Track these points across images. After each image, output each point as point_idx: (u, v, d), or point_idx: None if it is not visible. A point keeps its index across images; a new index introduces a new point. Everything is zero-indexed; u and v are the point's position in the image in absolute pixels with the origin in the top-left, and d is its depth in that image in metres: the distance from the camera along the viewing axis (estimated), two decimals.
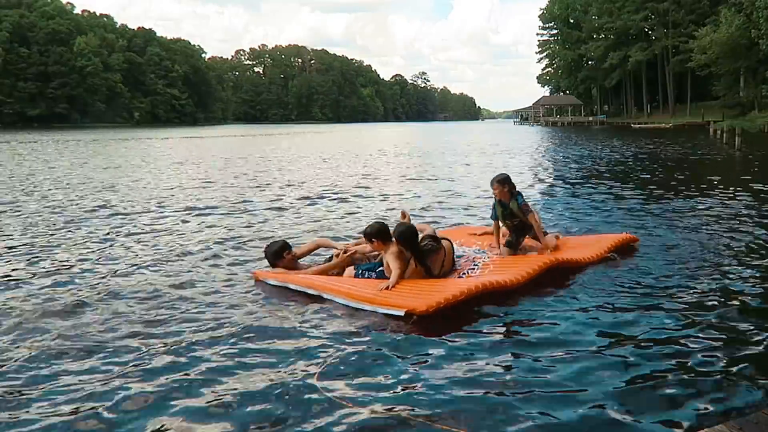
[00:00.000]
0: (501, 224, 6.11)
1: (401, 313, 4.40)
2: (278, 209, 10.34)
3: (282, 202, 11.34)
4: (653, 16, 75.22)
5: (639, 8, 73.88)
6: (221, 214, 9.87)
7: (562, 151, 27.05)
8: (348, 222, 8.99)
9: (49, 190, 13.23)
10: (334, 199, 11.61)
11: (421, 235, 5.38)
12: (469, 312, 4.50)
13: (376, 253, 5.40)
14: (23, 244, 7.41)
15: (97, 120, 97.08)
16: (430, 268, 5.18)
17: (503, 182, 5.92)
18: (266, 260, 5.79)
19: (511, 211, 5.93)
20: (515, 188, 6.00)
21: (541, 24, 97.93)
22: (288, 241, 6.02)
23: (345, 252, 5.59)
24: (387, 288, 4.80)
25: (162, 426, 3.02)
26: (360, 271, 5.34)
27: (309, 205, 10.92)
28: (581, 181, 14.41)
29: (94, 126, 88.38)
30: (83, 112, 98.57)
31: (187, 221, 9.18)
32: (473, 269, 5.45)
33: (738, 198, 10.71)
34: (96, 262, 6.48)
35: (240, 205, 10.81)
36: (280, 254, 5.59)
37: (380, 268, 5.27)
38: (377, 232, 5.21)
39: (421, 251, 5.18)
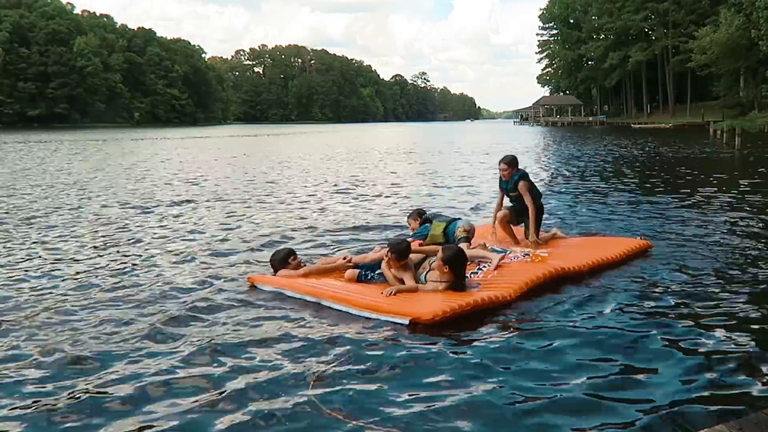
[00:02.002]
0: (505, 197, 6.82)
1: (406, 321, 4.30)
2: (283, 209, 10.37)
3: (291, 201, 11.36)
4: (653, 16, 75.23)
5: (639, 8, 73.89)
6: (229, 213, 9.90)
7: (564, 151, 27.06)
8: (360, 222, 9.00)
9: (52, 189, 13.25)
10: (353, 197, 11.64)
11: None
12: (471, 321, 4.39)
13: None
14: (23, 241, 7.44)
15: (97, 120, 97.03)
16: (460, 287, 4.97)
17: (510, 164, 6.62)
18: (271, 266, 5.70)
19: (507, 189, 6.66)
20: (517, 169, 6.64)
21: (541, 24, 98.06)
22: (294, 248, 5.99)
23: (348, 260, 5.57)
24: (391, 293, 4.71)
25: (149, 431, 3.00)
26: (363, 272, 5.30)
27: (323, 205, 10.93)
28: (584, 180, 14.42)
29: (94, 126, 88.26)
30: (83, 112, 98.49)
31: (187, 222, 9.20)
32: (476, 273, 5.36)
33: (740, 198, 10.71)
34: (93, 263, 6.47)
35: (251, 207, 10.83)
36: (286, 260, 5.57)
37: (379, 270, 5.24)
38: (405, 250, 5.12)
39: (464, 282, 4.99)
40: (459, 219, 6.34)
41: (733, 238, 7.17)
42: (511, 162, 6.62)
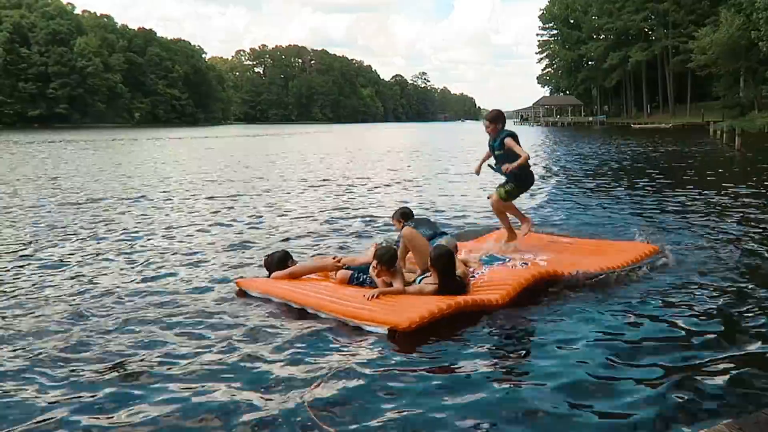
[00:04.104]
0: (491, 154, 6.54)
1: (384, 330, 4.19)
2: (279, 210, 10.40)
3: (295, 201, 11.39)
4: (653, 17, 75.15)
5: (639, 8, 73.81)
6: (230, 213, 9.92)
7: (565, 151, 27.05)
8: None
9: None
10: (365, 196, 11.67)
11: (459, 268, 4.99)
12: (464, 327, 4.30)
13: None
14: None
15: (98, 120, 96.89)
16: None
17: (492, 120, 6.36)
18: (266, 268, 5.64)
19: (494, 147, 6.40)
20: (503, 126, 6.40)
21: (541, 24, 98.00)
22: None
23: (337, 260, 5.49)
24: (374, 297, 4.63)
25: None
26: (356, 274, 5.21)
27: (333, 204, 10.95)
28: (585, 180, 14.43)
29: (95, 126, 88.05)
30: (83, 113, 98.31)
31: (184, 219, 9.22)
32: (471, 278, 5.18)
33: (741, 199, 10.73)
34: (84, 265, 6.42)
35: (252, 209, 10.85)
36: (284, 262, 5.51)
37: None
38: (392, 259, 4.97)
39: (456, 284, 4.79)
40: (443, 234, 5.81)
41: (735, 239, 7.17)
42: (494, 118, 6.31)
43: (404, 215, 6.15)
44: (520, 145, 6.20)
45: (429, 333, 4.17)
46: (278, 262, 5.53)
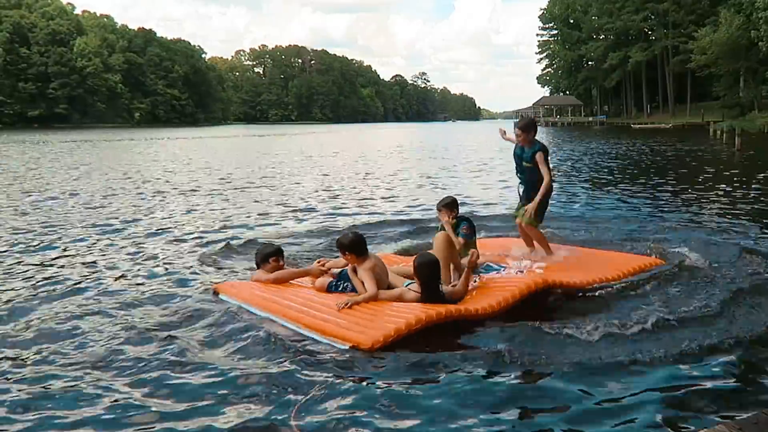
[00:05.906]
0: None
1: (346, 346, 3.94)
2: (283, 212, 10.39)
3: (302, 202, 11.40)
4: (653, 17, 75.27)
5: (639, 8, 73.93)
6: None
7: (568, 151, 27.05)
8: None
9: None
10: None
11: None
12: (455, 336, 4.13)
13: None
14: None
15: (97, 120, 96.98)
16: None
17: (524, 129, 5.88)
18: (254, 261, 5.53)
19: (522, 157, 5.93)
20: (535, 134, 5.92)
21: (541, 24, 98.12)
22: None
23: (322, 264, 5.36)
24: (347, 305, 4.39)
25: None
26: (335, 281, 4.96)
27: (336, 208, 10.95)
28: (584, 182, 14.44)
29: (95, 126, 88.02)
30: (83, 113, 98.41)
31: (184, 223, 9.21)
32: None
33: (740, 199, 10.74)
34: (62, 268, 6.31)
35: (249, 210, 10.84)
36: (267, 258, 5.41)
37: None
38: (351, 244, 4.75)
39: (439, 295, 4.50)
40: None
41: (735, 240, 7.16)
42: (527, 126, 5.82)
43: (454, 204, 5.71)
44: (548, 165, 5.82)
45: (419, 341, 3.99)
46: (263, 257, 5.43)
